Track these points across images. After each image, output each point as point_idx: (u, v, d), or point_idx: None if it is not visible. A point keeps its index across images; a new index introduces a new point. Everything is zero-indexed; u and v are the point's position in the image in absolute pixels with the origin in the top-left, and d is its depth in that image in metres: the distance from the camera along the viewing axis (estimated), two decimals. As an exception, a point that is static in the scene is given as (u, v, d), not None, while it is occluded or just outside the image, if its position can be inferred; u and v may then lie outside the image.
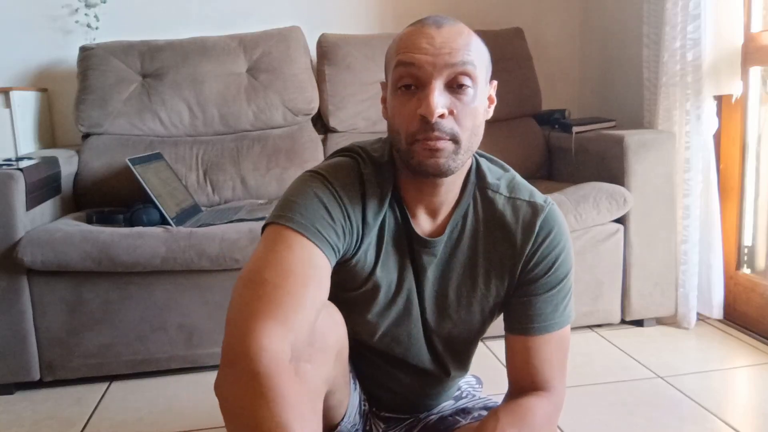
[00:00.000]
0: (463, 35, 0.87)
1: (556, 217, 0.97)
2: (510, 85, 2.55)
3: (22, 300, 1.76)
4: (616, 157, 2.07)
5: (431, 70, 0.83)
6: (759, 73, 2.06)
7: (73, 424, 1.63)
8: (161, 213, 1.91)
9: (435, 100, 0.82)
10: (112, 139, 2.30)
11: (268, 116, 2.40)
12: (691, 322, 2.10)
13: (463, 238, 0.96)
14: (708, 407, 1.60)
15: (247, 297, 0.77)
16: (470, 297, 0.99)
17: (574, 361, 1.89)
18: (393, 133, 0.89)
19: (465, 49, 0.85)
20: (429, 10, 2.72)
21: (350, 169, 0.93)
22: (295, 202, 0.86)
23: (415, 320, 1.00)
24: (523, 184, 1.00)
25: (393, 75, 0.86)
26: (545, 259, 0.95)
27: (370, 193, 0.91)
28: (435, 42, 0.84)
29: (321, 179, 0.89)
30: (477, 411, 1.11)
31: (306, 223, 0.84)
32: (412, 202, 0.94)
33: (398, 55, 0.85)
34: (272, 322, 0.74)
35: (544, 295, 0.96)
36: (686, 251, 2.08)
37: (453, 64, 0.84)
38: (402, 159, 0.89)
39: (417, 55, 0.83)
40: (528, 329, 0.96)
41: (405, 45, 0.86)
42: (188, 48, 2.38)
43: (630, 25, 2.48)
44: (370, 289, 0.95)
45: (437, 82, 0.83)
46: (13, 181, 1.72)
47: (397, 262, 0.96)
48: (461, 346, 1.05)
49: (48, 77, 2.53)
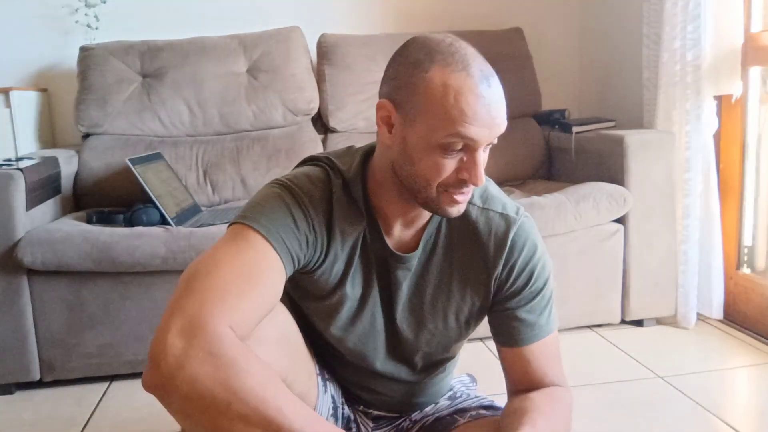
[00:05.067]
0: (503, 93, 0.85)
1: (529, 228, 0.98)
2: (510, 85, 2.51)
3: (22, 300, 1.76)
4: (616, 157, 2.07)
5: (485, 141, 0.84)
6: (759, 73, 2.06)
7: (73, 424, 1.63)
8: (161, 213, 1.91)
9: (482, 170, 0.85)
10: (112, 139, 2.29)
11: (268, 116, 2.40)
12: (691, 322, 2.10)
13: (437, 249, 0.97)
14: (708, 407, 1.60)
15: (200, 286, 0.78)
16: (446, 308, 0.99)
17: (574, 361, 1.89)
18: (415, 177, 0.87)
19: (505, 111, 0.86)
20: (429, 10, 2.73)
21: (320, 182, 0.93)
22: (263, 206, 0.88)
23: (381, 335, 1.00)
24: (496, 195, 1.00)
25: (443, 139, 0.82)
26: (523, 272, 0.96)
27: (338, 206, 0.92)
28: (491, 111, 0.82)
29: (291, 188, 0.90)
30: (474, 410, 1.10)
31: (270, 227, 0.85)
32: (391, 216, 0.94)
33: (456, 124, 0.81)
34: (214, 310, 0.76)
35: (527, 306, 0.97)
36: (686, 251, 2.08)
37: (500, 130, 0.85)
38: (419, 200, 0.89)
39: (478, 129, 0.82)
40: (519, 340, 0.97)
41: (464, 113, 0.81)
42: (188, 48, 2.38)
43: (630, 25, 2.47)
44: (334, 303, 0.96)
45: (483, 147, 0.85)
46: (13, 181, 1.72)
47: (365, 278, 0.96)
48: (439, 356, 1.05)
49: (48, 77, 2.53)
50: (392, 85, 0.87)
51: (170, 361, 0.72)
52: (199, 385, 0.72)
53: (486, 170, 0.89)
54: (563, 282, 2.03)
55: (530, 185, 2.37)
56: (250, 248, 0.83)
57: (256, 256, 0.83)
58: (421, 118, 0.83)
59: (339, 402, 1.09)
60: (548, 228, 1.96)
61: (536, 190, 2.23)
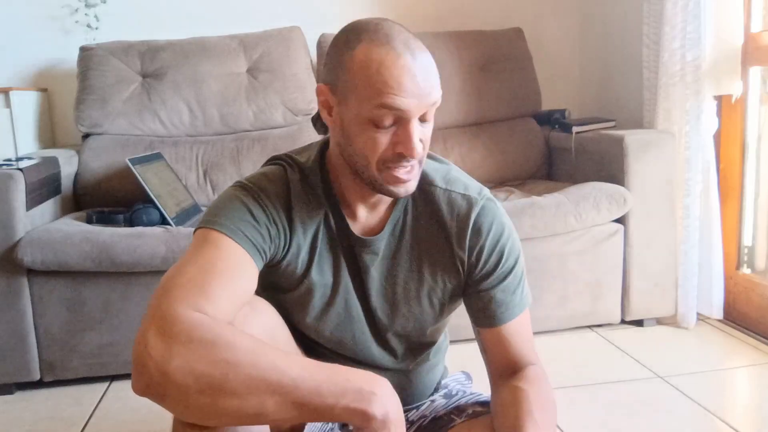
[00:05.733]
0: (431, 60, 0.87)
1: (493, 208, 0.99)
2: (510, 85, 2.55)
3: (22, 300, 1.76)
4: (616, 157, 2.07)
5: (415, 111, 0.84)
6: (759, 73, 2.06)
7: (73, 424, 1.63)
8: (161, 213, 1.91)
9: (416, 139, 0.85)
10: (112, 139, 2.29)
11: (268, 116, 2.40)
12: (691, 322, 2.10)
13: (405, 233, 0.99)
14: (708, 407, 1.60)
15: (169, 286, 0.80)
16: (419, 291, 1.00)
17: (574, 361, 1.89)
18: (355, 156, 0.89)
19: (437, 80, 0.87)
20: (429, 10, 2.73)
21: (276, 176, 0.96)
22: (221, 208, 0.91)
23: (358, 322, 1.01)
24: (459, 177, 1.01)
25: (371, 112, 0.84)
26: (493, 253, 0.98)
27: (296, 197, 0.94)
28: (418, 81, 0.83)
29: (245, 187, 0.93)
30: (471, 407, 1.10)
31: (230, 225, 0.88)
32: (352, 202, 0.96)
33: (382, 96, 0.83)
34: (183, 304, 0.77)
35: (501, 285, 0.99)
36: (686, 251, 2.08)
37: (432, 101, 0.86)
38: (365, 179, 0.91)
39: (405, 99, 0.83)
40: (494, 320, 0.99)
41: (388, 84, 0.82)
42: (188, 48, 2.38)
43: (630, 25, 2.48)
44: (304, 292, 0.98)
45: (416, 119, 0.86)
46: (13, 181, 1.72)
47: (333, 265, 0.98)
48: (417, 340, 1.06)
49: (48, 77, 2.53)
50: (326, 68, 0.90)
51: (157, 360, 0.73)
52: (191, 370, 0.73)
53: (486, 170, 0.89)
54: (563, 282, 2.03)
55: (530, 185, 2.37)
56: (212, 247, 0.86)
57: (219, 252, 0.85)
58: (352, 96, 0.86)
59: None
60: (548, 228, 1.96)
61: (536, 190, 2.23)
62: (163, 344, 0.74)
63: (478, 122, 2.53)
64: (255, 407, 0.74)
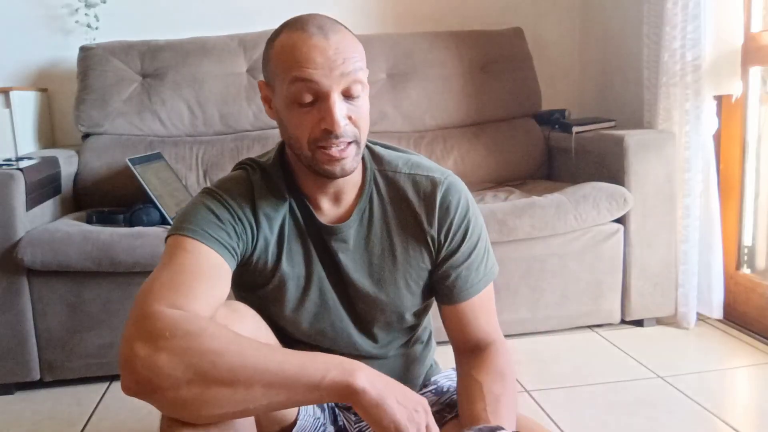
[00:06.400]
0: (350, 41, 0.90)
1: (456, 186, 1.02)
2: (510, 85, 2.55)
3: (22, 300, 1.76)
4: (616, 157, 2.07)
5: (329, 83, 0.87)
6: (759, 73, 2.06)
7: (73, 424, 1.63)
8: (161, 213, 1.91)
9: (337, 113, 0.87)
10: (112, 139, 2.29)
11: (268, 116, 2.39)
12: (691, 322, 2.10)
13: (374, 221, 1.01)
14: (708, 407, 1.60)
15: (146, 291, 0.84)
16: (394, 275, 1.03)
17: (574, 361, 1.89)
18: (291, 140, 0.93)
19: (355, 56, 0.89)
20: (429, 10, 2.72)
21: (238, 178, 1.00)
22: (187, 213, 0.95)
23: (336, 311, 1.03)
24: (422, 162, 1.05)
25: (288, 90, 0.88)
26: (459, 230, 1.01)
27: (259, 194, 0.98)
28: (328, 54, 0.87)
29: (209, 191, 0.98)
30: None
31: (197, 229, 0.91)
32: (312, 193, 0.99)
33: (292, 71, 0.87)
34: (162, 303, 0.80)
35: (465, 263, 1.02)
36: (686, 251, 2.08)
37: (348, 74, 0.88)
38: (304, 162, 0.94)
39: (313, 71, 0.86)
40: (459, 297, 1.02)
41: (297, 59, 0.87)
42: (188, 48, 2.38)
43: (630, 25, 2.48)
44: (278, 284, 1.00)
45: (335, 94, 0.87)
46: (13, 181, 1.72)
47: (303, 255, 1.00)
48: (399, 324, 1.08)
49: (48, 77, 2.53)
50: (262, 65, 0.96)
51: (143, 357, 0.76)
52: (179, 362, 0.75)
53: (486, 170, 0.90)
54: (563, 282, 2.03)
55: (530, 185, 2.37)
56: (182, 251, 0.89)
57: (190, 255, 0.89)
58: (276, 81, 0.91)
59: None
60: (548, 228, 1.96)
61: (536, 190, 2.23)
62: (148, 342, 0.77)
63: (478, 122, 2.53)
64: (243, 395, 0.76)
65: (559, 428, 1.53)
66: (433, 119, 2.48)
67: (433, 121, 2.49)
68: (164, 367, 0.75)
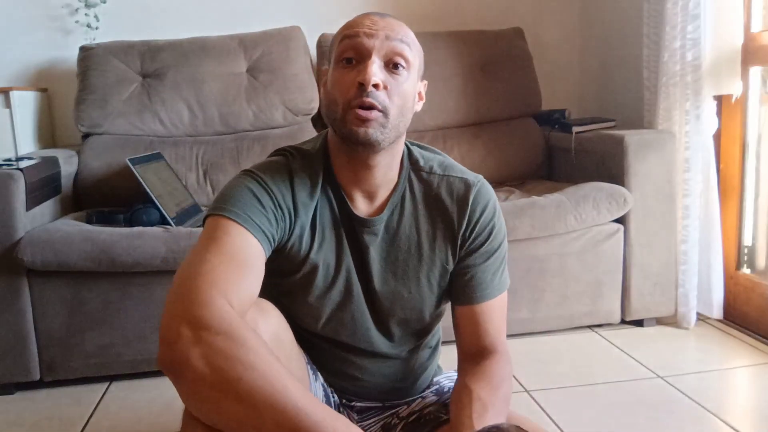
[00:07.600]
0: (404, 26, 0.97)
1: (488, 190, 1.06)
2: (510, 85, 2.55)
3: (22, 300, 1.76)
4: (616, 157, 2.07)
5: (372, 44, 0.92)
6: (759, 73, 2.06)
7: (73, 424, 1.63)
8: (161, 213, 1.91)
9: (373, 69, 0.91)
10: (112, 139, 2.30)
11: (268, 116, 2.40)
12: (691, 322, 2.10)
13: (404, 219, 1.04)
14: (708, 407, 1.60)
15: (194, 272, 0.83)
16: (418, 271, 1.04)
17: (574, 362, 1.89)
18: (330, 104, 0.96)
19: (403, 33, 0.95)
20: (429, 10, 2.73)
21: (279, 164, 1.01)
22: (229, 195, 0.95)
23: (358, 302, 1.04)
24: (455, 164, 1.08)
25: (337, 49, 0.95)
26: (484, 230, 1.04)
27: (298, 181, 0.99)
28: (378, 24, 0.94)
29: (251, 174, 0.98)
30: None
31: (240, 212, 0.92)
32: (348, 185, 1.01)
33: (343, 32, 0.95)
34: (215, 291, 0.81)
35: (483, 264, 1.04)
36: (686, 251, 2.08)
37: (392, 40, 0.93)
38: (336, 130, 0.96)
39: (359, 30, 0.93)
40: (473, 298, 1.04)
41: (349, 25, 0.96)
42: (188, 48, 2.38)
43: (630, 25, 2.48)
44: (308, 272, 1.01)
45: (376, 57, 0.92)
46: (13, 181, 1.72)
47: (335, 244, 1.02)
48: (416, 324, 1.09)
49: (48, 77, 2.53)
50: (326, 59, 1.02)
51: (185, 341, 0.76)
52: (211, 361, 0.75)
53: (486, 170, 0.91)
54: (563, 282, 2.03)
55: (530, 185, 2.37)
56: (226, 235, 0.89)
57: (233, 240, 0.89)
58: (332, 55, 0.97)
59: (329, 390, 1.12)
60: (548, 228, 1.96)
61: (536, 190, 2.23)
62: (193, 328, 0.77)
63: (478, 122, 2.53)
64: (253, 421, 0.75)
65: (559, 428, 1.53)
66: (432, 119, 2.48)
67: (433, 121, 2.49)
68: (197, 360, 0.75)
